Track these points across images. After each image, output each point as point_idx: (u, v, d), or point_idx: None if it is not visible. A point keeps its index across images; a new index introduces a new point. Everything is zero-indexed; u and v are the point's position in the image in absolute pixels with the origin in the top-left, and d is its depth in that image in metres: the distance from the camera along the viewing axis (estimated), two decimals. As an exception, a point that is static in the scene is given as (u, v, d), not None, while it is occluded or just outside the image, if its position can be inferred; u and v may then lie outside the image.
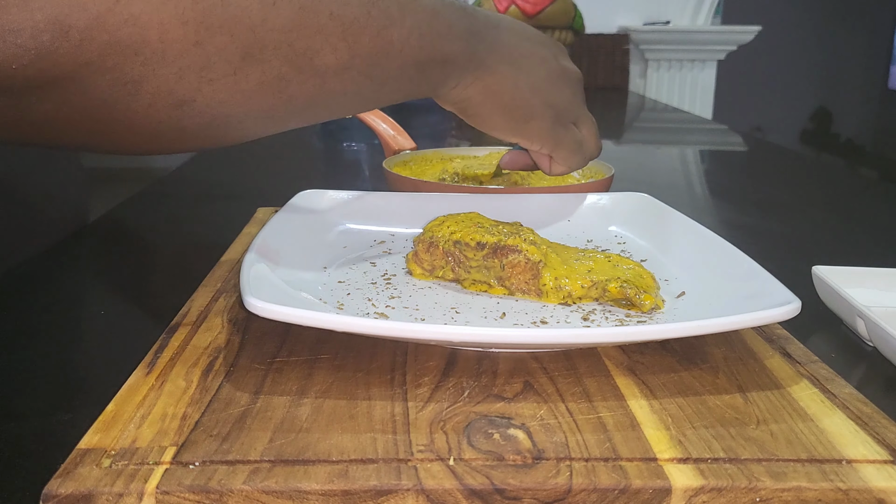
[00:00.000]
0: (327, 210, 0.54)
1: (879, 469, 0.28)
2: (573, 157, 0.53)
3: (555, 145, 0.52)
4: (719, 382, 0.35)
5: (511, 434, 0.30)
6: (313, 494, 0.27)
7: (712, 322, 0.34)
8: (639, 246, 0.52)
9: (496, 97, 0.48)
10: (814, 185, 1.06)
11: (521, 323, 0.40)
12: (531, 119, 0.50)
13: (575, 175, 0.71)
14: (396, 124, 0.77)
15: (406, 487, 0.27)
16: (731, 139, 1.53)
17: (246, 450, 0.28)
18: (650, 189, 0.59)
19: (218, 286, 0.46)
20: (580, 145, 0.53)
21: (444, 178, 0.68)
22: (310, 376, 0.35)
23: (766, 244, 0.69)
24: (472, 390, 0.34)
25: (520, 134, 0.51)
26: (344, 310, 0.40)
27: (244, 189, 0.90)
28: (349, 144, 1.18)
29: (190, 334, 0.39)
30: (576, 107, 0.52)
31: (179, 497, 0.26)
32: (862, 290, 0.48)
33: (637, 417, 0.32)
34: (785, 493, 0.27)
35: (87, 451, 0.28)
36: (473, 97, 0.47)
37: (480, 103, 0.48)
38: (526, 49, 0.49)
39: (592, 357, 0.37)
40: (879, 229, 0.80)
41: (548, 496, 0.27)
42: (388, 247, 0.52)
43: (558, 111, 0.51)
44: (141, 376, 0.34)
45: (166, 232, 0.74)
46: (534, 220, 0.54)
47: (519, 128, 0.50)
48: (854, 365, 0.43)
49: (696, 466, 0.28)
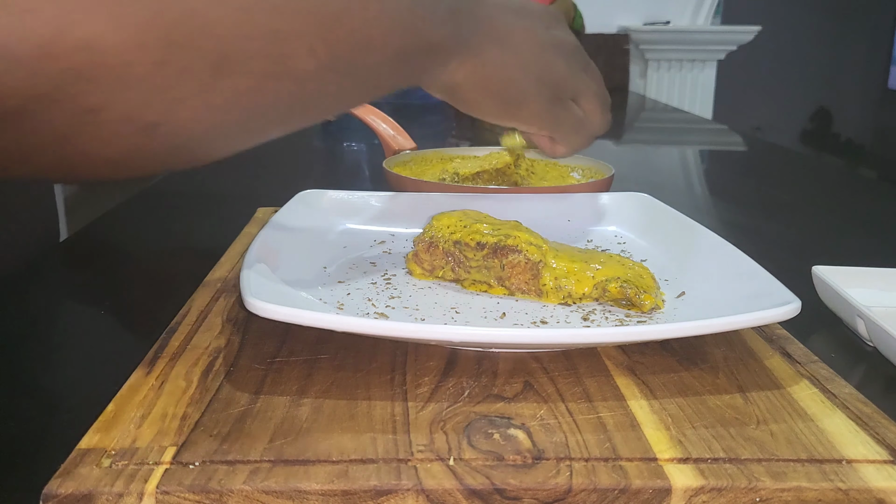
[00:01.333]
0: (327, 210, 0.54)
1: (879, 469, 0.28)
2: (575, 137, 0.49)
3: (553, 126, 0.48)
4: (719, 382, 0.35)
5: (511, 434, 0.30)
6: (313, 494, 0.27)
7: (712, 322, 0.34)
8: (639, 246, 0.52)
9: (484, 81, 0.44)
10: (814, 185, 1.06)
11: (521, 323, 0.40)
12: (524, 101, 0.46)
13: (575, 175, 0.71)
14: (396, 124, 0.77)
15: (406, 487, 0.27)
16: (731, 139, 1.53)
17: (246, 450, 0.28)
18: (650, 189, 0.59)
19: (218, 286, 0.46)
20: (581, 123, 0.49)
21: (444, 178, 0.68)
22: (310, 376, 0.35)
23: (766, 244, 0.69)
24: (472, 390, 0.34)
25: (514, 118, 0.47)
26: (344, 310, 0.40)
27: (244, 189, 0.90)
28: (349, 144, 1.18)
29: (190, 334, 0.39)
30: (573, 80, 0.48)
31: (179, 497, 0.26)
32: (862, 290, 0.48)
33: (637, 417, 0.32)
34: (785, 493, 0.27)
35: (87, 451, 0.28)
36: (461, 83, 0.44)
37: (469, 89, 0.44)
38: (514, 23, 0.45)
39: (592, 357, 0.37)
40: (879, 229, 0.80)
41: (548, 496, 0.27)
42: (388, 247, 0.52)
43: (554, 88, 0.46)
44: (141, 376, 0.34)
45: (166, 232, 0.74)
46: (534, 220, 0.53)
47: (512, 111, 0.46)
48: (854, 365, 0.43)
49: (696, 466, 0.28)
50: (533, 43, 0.46)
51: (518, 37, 0.45)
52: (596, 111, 0.49)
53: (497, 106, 0.46)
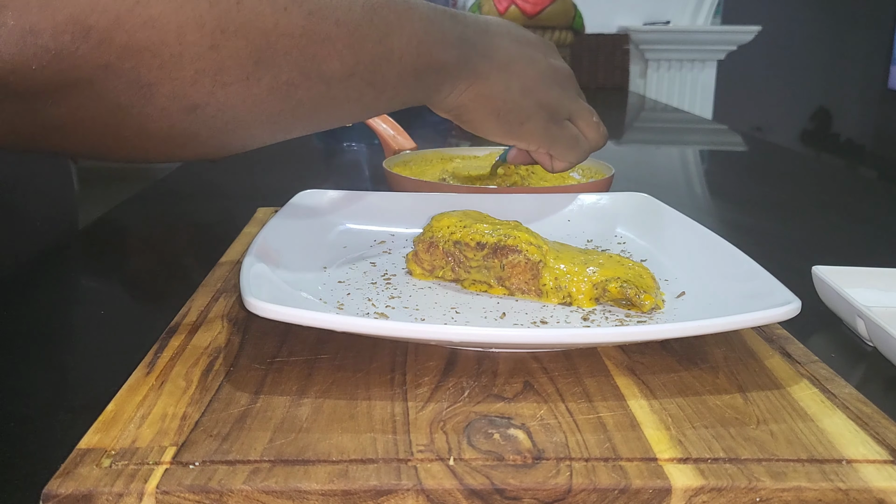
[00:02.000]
0: (327, 210, 0.54)
1: (879, 469, 0.28)
2: (571, 153, 0.54)
3: (551, 144, 0.53)
4: (719, 382, 0.35)
5: (511, 434, 0.30)
6: (313, 494, 0.27)
7: (712, 322, 0.34)
8: (639, 246, 0.52)
9: (489, 103, 0.48)
10: (814, 185, 1.06)
11: (521, 323, 0.40)
12: (525, 121, 0.51)
13: (575, 175, 0.71)
14: (396, 124, 0.77)
15: (406, 487, 0.27)
16: (731, 139, 1.53)
17: (246, 450, 0.28)
18: (650, 189, 0.59)
19: (218, 286, 0.46)
20: (576, 140, 0.54)
21: (444, 178, 0.68)
22: (310, 376, 0.35)
23: (766, 244, 0.69)
24: (472, 390, 0.34)
25: (515, 136, 0.52)
26: (344, 310, 0.40)
27: (244, 189, 0.90)
28: (349, 144, 1.18)
29: (190, 334, 0.39)
30: (568, 103, 0.53)
31: (179, 497, 0.26)
32: (862, 290, 0.48)
33: (637, 417, 0.32)
34: (785, 493, 0.27)
35: (87, 451, 0.28)
36: (467, 104, 0.48)
37: (474, 109, 0.49)
38: (516, 52, 0.50)
39: (592, 357, 0.37)
40: (879, 229, 0.79)
41: (548, 496, 0.27)
42: (388, 247, 0.52)
43: (551, 110, 0.51)
44: (141, 376, 0.34)
45: (166, 232, 0.74)
46: (534, 220, 0.54)
47: (514, 130, 0.51)
48: (854, 365, 0.43)
49: (696, 466, 0.28)
50: (533, 70, 0.50)
51: (520, 64, 0.50)
52: (591, 128, 0.54)
53: (500, 126, 0.50)
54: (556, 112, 0.52)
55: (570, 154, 0.54)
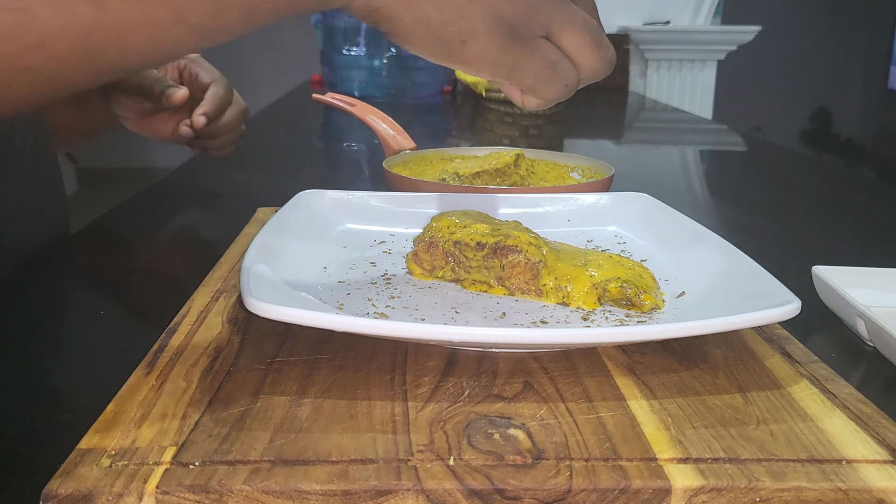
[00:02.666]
0: (327, 210, 0.54)
1: (879, 469, 0.28)
2: (546, 86, 0.37)
3: (509, 72, 0.36)
4: (719, 382, 0.35)
5: (511, 434, 0.30)
6: (313, 494, 0.27)
7: (712, 322, 0.34)
8: (639, 246, 0.52)
9: (415, 6, 0.33)
10: (814, 185, 1.06)
11: (521, 323, 0.40)
12: (468, 39, 0.34)
13: (575, 175, 0.71)
14: (396, 124, 0.77)
15: (406, 487, 0.27)
16: (731, 139, 1.53)
17: (246, 450, 0.28)
18: (650, 189, 0.59)
19: (218, 286, 0.46)
20: (554, 68, 0.36)
21: (444, 178, 0.68)
22: (310, 376, 0.35)
23: (766, 244, 0.69)
24: (472, 390, 0.34)
25: (455, 58, 0.35)
26: (344, 310, 0.40)
27: (244, 189, 0.90)
28: (349, 144, 1.18)
29: (190, 334, 0.39)
30: (545, 9, 0.36)
31: (179, 497, 0.26)
32: (862, 290, 0.48)
33: (637, 417, 0.32)
34: (785, 493, 0.27)
35: (87, 451, 0.28)
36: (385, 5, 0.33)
37: (396, 15, 0.34)
38: None
39: (592, 357, 0.37)
40: (879, 229, 0.80)
41: (548, 496, 0.27)
42: (388, 247, 0.52)
43: (512, 24, 0.35)
44: (141, 376, 0.34)
45: (166, 232, 0.74)
46: (534, 220, 0.54)
47: (453, 50, 0.35)
48: (854, 365, 0.43)
49: (696, 466, 0.28)
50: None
51: None
52: (583, 49, 0.37)
53: (433, 43, 0.35)
54: (522, 27, 0.35)
55: (545, 87, 0.37)
